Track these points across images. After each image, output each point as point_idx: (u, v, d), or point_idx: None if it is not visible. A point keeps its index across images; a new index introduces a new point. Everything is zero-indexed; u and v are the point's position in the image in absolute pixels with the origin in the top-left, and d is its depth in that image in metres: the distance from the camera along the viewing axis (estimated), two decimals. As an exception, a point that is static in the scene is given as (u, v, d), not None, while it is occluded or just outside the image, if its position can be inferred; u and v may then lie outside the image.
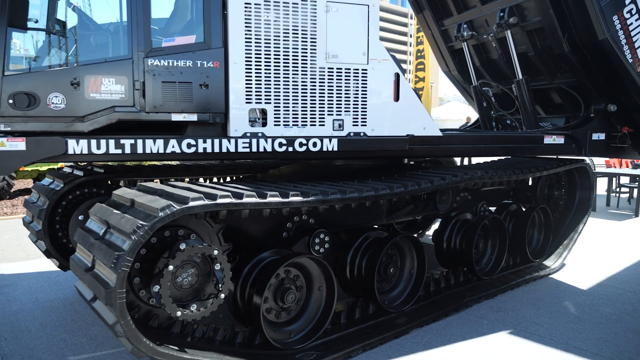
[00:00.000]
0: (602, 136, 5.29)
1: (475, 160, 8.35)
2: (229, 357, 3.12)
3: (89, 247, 2.81)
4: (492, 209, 5.73)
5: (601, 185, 11.15)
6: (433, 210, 4.72)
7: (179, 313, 2.74)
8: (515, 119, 6.07)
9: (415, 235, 6.97)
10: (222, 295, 2.93)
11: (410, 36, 31.32)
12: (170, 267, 2.68)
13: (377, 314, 4.13)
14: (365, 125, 3.99)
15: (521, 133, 5.19)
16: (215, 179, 5.61)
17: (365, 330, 3.89)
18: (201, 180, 5.49)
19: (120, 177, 4.71)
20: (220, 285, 2.90)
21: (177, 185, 3.24)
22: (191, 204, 2.71)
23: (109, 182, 4.71)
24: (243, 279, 3.51)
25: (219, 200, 2.83)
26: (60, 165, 6.26)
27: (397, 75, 4.05)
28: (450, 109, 26.28)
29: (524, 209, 5.72)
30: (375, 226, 4.49)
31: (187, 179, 5.38)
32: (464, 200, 5.38)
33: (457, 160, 7.52)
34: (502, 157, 6.04)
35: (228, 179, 5.70)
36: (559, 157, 5.73)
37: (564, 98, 5.70)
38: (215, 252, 2.85)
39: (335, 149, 3.90)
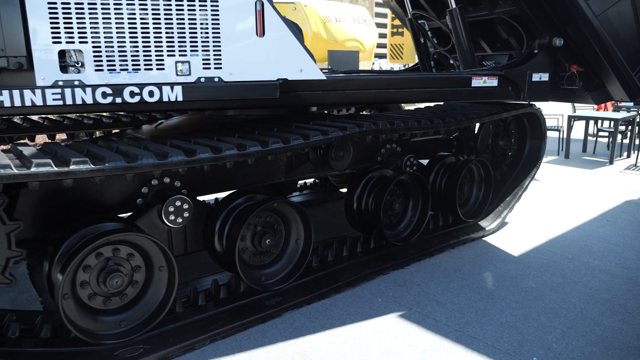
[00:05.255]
0: (545, 77, 4.44)
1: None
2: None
3: None
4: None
5: (579, 130, 10.27)
6: (329, 169, 4.01)
7: None
8: (454, 58, 5.21)
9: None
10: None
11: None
12: None
13: (249, 293, 3.53)
14: (220, 68, 3.20)
15: (442, 74, 4.37)
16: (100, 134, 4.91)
17: (223, 315, 3.28)
18: (81, 136, 4.79)
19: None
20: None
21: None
22: None
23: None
24: (58, 257, 2.89)
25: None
26: None
27: (261, 4, 3.23)
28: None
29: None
30: (292, 182, 3.82)
31: (64, 136, 4.69)
32: (390, 153, 4.65)
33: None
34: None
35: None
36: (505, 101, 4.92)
37: (508, 32, 4.82)
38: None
39: (180, 98, 3.13)
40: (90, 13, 2.88)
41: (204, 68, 3.17)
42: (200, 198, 3.63)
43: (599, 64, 4.30)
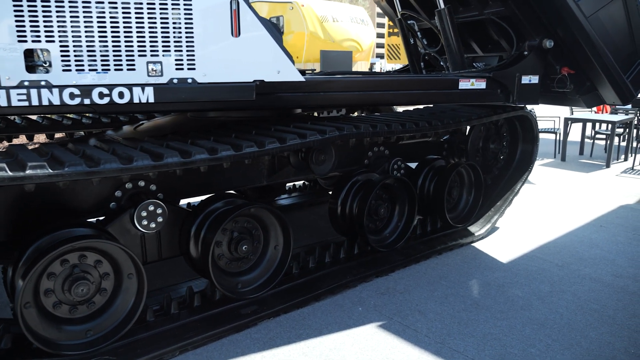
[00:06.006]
0: (534, 79, 4.32)
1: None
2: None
3: None
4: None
5: (577, 132, 10.14)
6: (311, 173, 3.90)
7: None
8: (445, 59, 5.09)
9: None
10: None
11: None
12: None
13: (225, 301, 3.42)
14: (194, 69, 3.09)
15: (428, 76, 4.26)
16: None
17: (196, 324, 3.17)
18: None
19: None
20: None
21: None
22: None
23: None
24: (21, 264, 2.79)
25: None
26: None
27: (237, 3, 3.12)
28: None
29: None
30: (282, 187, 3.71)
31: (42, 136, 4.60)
32: (378, 155, 4.54)
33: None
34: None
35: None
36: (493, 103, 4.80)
37: (498, 33, 4.70)
38: None
39: (152, 100, 3.02)
40: (57, 10, 2.77)
41: (176, 69, 3.06)
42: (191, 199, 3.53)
43: (590, 66, 4.19)
